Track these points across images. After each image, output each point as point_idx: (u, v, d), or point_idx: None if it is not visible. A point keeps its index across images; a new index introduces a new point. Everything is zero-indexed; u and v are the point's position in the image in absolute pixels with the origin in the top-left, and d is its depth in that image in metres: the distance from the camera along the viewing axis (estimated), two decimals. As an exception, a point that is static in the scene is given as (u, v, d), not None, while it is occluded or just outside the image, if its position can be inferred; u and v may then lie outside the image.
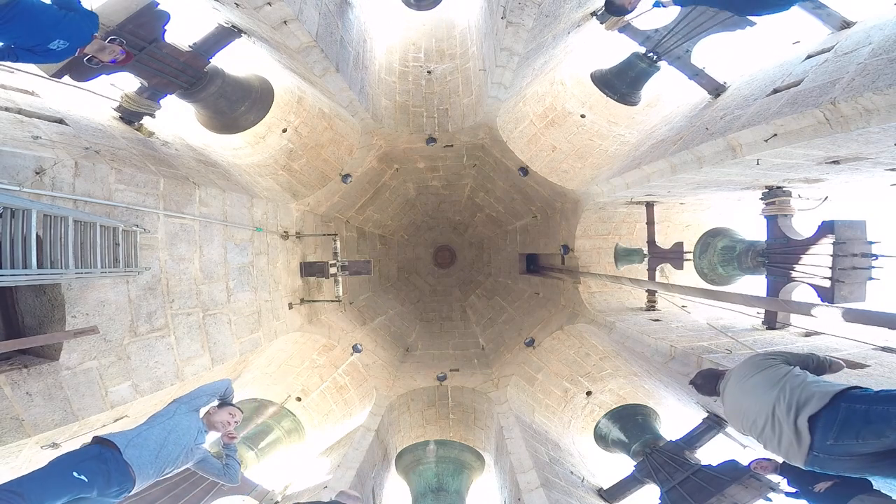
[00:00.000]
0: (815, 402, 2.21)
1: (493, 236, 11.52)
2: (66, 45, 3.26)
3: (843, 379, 3.60)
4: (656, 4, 4.26)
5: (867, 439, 2.05)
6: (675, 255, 7.03)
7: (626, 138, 7.18)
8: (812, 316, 3.34)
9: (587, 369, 7.74)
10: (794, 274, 5.01)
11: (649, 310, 7.35)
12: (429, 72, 7.83)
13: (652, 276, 7.41)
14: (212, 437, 3.37)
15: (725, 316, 6.30)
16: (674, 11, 5.22)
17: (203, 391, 3.32)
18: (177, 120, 6.21)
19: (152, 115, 5.18)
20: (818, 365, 2.79)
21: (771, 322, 5.43)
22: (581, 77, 7.30)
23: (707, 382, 3.12)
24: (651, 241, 7.38)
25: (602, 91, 7.07)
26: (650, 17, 5.42)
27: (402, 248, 11.78)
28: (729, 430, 5.52)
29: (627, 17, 3.46)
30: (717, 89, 5.24)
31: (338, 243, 7.65)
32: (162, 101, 5.25)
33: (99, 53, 3.61)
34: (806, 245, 4.91)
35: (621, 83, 6.83)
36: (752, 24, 4.89)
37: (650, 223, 7.38)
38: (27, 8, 3.03)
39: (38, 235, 2.83)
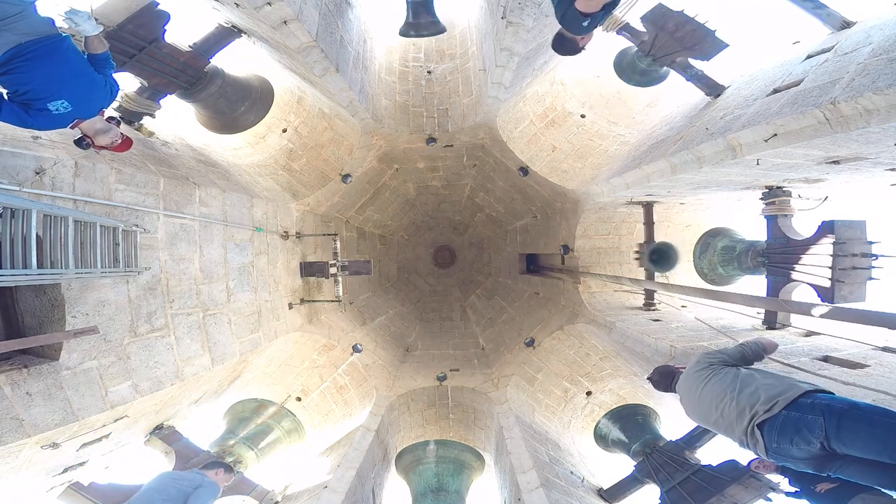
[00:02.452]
0: (766, 412, 2.41)
1: (493, 236, 11.51)
2: (67, 110, 2.65)
3: (841, 379, 3.61)
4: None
5: (799, 445, 2.26)
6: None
7: (626, 138, 7.18)
8: (812, 316, 3.34)
9: (587, 369, 7.74)
10: (794, 274, 5.02)
11: (648, 309, 7.35)
12: (429, 72, 7.83)
13: (652, 276, 7.42)
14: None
15: (725, 316, 6.30)
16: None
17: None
18: (177, 120, 6.21)
19: (152, 115, 5.17)
20: (755, 355, 2.97)
21: (771, 322, 5.43)
22: (581, 77, 7.30)
23: (663, 379, 3.30)
24: (648, 242, 7.38)
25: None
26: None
27: (402, 248, 11.78)
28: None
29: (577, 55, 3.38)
30: (715, 91, 5.23)
31: (338, 243, 7.65)
32: (162, 101, 5.25)
33: (97, 137, 2.97)
34: (806, 245, 4.91)
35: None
36: (725, 45, 4.95)
37: (648, 223, 7.38)
38: (63, 48, 2.55)
39: (38, 235, 2.83)
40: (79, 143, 2.98)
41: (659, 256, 7.31)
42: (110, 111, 3.31)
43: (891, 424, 2.07)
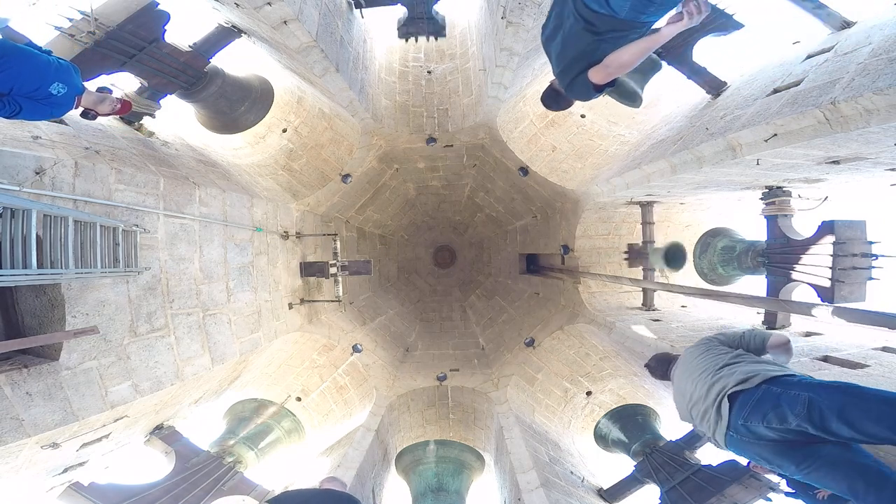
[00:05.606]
0: (740, 383, 2.28)
1: (493, 236, 11.52)
2: (65, 90, 2.97)
3: (841, 379, 3.61)
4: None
5: (771, 423, 2.09)
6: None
7: (626, 138, 7.18)
8: (812, 316, 3.34)
9: (587, 369, 7.74)
10: (794, 274, 5.02)
11: (648, 309, 7.35)
12: (429, 72, 7.83)
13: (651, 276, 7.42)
14: None
15: (725, 316, 6.30)
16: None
17: None
18: (177, 120, 6.21)
19: (152, 115, 5.17)
20: (758, 342, 2.84)
21: (771, 322, 5.43)
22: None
23: (660, 366, 3.18)
24: (646, 242, 7.39)
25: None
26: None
27: (402, 248, 11.78)
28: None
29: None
30: (717, 88, 5.22)
31: (338, 243, 7.65)
32: (162, 101, 5.25)
33: (97, 106, 3.33)
34: (806, 245, 4.91)
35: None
36: (741, 25, 4.91)
37: (645, 223, 7.38)
38: (15, 47, 2.79)
39: (38, 235, 2.83)
40: (85, 115, 3.26)
41: (673, 256, 7.24)
42: (98, 84, 3.54)
43: (885, 397, 1.96)
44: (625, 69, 2.23)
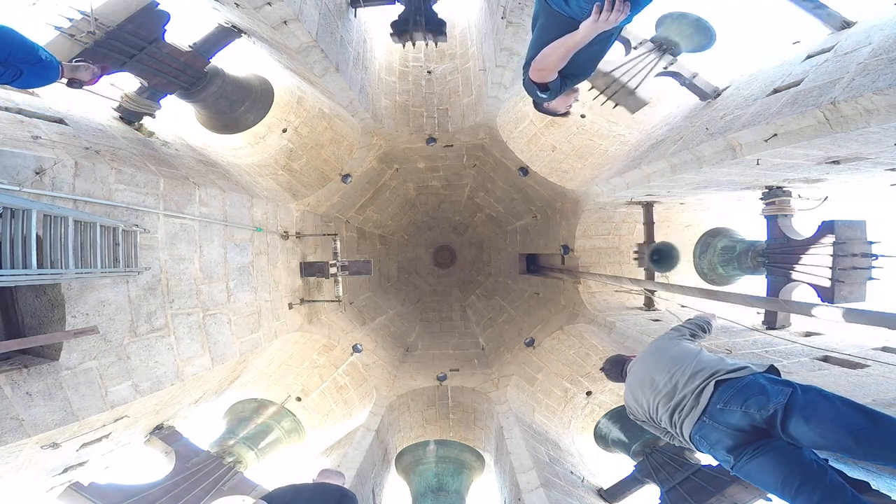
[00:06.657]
0: (732, 372, 2.36)
1: (493, 236, 11.51)
2: (50, 56, 3.19)
3: (841, 379, 3.62)
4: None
5: (750, 409, 2.16)
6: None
7: (626, 138, 7.18)
8: (812, 316, 3.34)
9: (587, 369, 7.74)
10: (794, 274, 5.02)
11: (648, 309, 7.35)
12: (429, 72, 7.83)
13: (651, 276, 7.41)
14: None
15: (725, 316, 6.29)
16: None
17: None
18: (177, 120, 6.22)
19: (152, 115, 5.18)
20: (707, 325, 3.17)
21: (771, 322, 5.43)
22: (581, 77, 7.28)
23: (614, 367, 3.25)
24: (648, 242, 7.38)
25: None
26: (641, 26, 5.41)
27: (402, 248, 11.78)
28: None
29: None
30: (707, 96, 5.24)
31: (338, 243, 7.65)
32: (162, 101, 5.25)
33: (77, 74, 3.47)
34: (806, 245, 4.92)
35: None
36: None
37: (647, 223, 7.38)
38: None
39: (38, 235, 2.83)
40: (70, 84, 3.47)
41: (660, 256, 7.27)
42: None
43: (850, 403, 2.05)
44: (549, 69, 2.24)
